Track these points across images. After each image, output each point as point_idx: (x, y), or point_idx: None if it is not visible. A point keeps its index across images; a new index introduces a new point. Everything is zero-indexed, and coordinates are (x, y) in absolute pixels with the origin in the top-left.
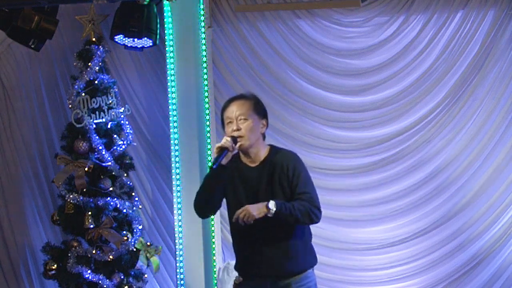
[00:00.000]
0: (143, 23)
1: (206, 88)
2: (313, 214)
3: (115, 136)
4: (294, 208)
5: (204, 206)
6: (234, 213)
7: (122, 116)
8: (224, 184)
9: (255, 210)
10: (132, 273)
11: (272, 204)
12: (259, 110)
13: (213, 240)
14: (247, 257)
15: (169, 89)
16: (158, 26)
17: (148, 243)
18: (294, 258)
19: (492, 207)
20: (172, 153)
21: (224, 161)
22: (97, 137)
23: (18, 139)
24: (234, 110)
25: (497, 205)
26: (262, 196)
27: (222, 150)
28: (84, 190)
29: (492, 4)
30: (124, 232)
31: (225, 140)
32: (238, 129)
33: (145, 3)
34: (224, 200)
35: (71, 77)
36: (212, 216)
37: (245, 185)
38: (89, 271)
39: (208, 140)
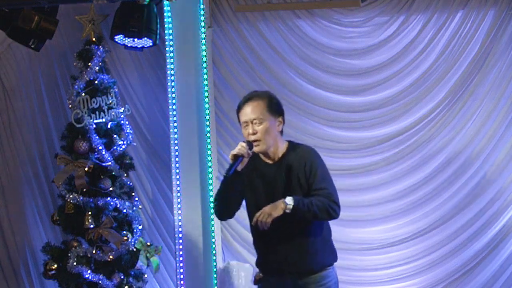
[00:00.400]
0: (143, 23)
1: (206, 88)
2: (332, 209)
3: (115, 136)
4: (312, 203)
5: (222, 211)
6: (252, 211)
7: (122, 116)
8: (240, 188)
9: (273, 209)
10: (132, 273)
11: (289, 200)
12: (274, 109)
13: (213, 240)
14: (265, 255)
15: (169, 89)
16: (158, 26)
17: (148, 243)
18: (312, 255)
19: (492, 207)
20: (172, 153)
21: (239, 167)
22: (97, 137)
23: (18, 139)
24: (248, 113)
25: (497, 205)
26: (280, 193)
27: (237, 158)
28: (84, 190)
29: (492, 4)
30: (124, 232)
31: (240, 147)
32: (254, 133)
33: (145, 3)
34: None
35: (71, 77)
36: (211, 217)
37: (263, 182)
38: (89, 271)
39: (208, 140)
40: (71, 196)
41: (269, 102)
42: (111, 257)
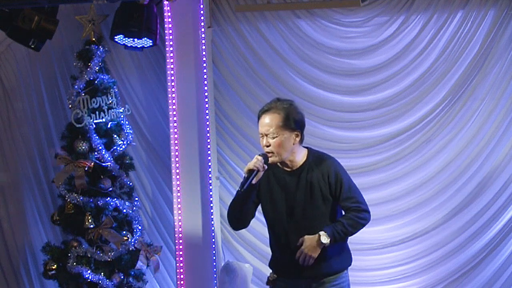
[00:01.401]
0: (143, 23)
1: (206, 88)
2: (363, 219)
3: (115, 136)
4: (345, 227)
5: (238, 223)
6: (270, 218)
7: (122, 116)
8: (255, 198)
9: (312, 250)
10: (132, 273)
11: (324, 238)
12: (289, 124)
13: (213, 240)
14: (283, 257)
15: (169, 89)
16: (158, 26)
17: (148, 243)
18: (329, 260)
19: (492, 207)
20: (172, 153)
21: (254, 181)
22: (97, 137)
23: (18, 139)
24: (263, 125)
25: (497, 205)
26: (300, 204)
27: (252, 172)
28: (84, 190)
29: (492, 4)
30: (124, 232)
31: (256, 160)
32: (267, 145)
33: (145, 3)
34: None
35: (71, 77)
36: (211, 217)
37: (282, 190)
38: (89, 271)
39: (208, 140)
40: (71, 196)
41: (286, 117)
42: (111, 257)
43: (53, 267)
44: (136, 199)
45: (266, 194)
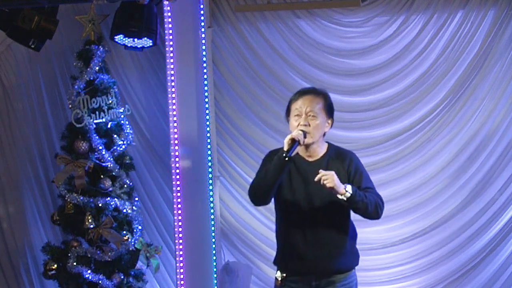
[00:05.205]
0: (143, 23)
1: (206, 88)
2: (379, 208)
3: (115, 136)
4: (366, 196)
5: (263, 196)
6: (288, 206)
7: (122, 116)
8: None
9: (336, 181)
10: (132, 273)
11: (349, 188)
12: (328, 109)
13: (213, 240)
14: (293, 250)
15: (169, 89)
16: (158, 26)
17: (148, 243)
18: (341, 258)
19: (492, 207)
20: (172, 153)
21: (293, 154)
22: (97, 137)
23: (18, 139)
24: (305, 104)
25: (497, 205)
26: (318, 191)
27: (294, 142)
28: (84, 190)
29: (492, 4)
30: (124, 232)
31: (297, 132)
32: (306, 125)
33: (145, 3)
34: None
35: (71, 77)
36: (211, 217)
37: (302, 178)
38: (89, 271)
39: (208, 140)
40: (71, 196)
41: (326, 102)
42: (111, 257)
43: (53, 267)
44: (136, 199)
45: (286, 181)
